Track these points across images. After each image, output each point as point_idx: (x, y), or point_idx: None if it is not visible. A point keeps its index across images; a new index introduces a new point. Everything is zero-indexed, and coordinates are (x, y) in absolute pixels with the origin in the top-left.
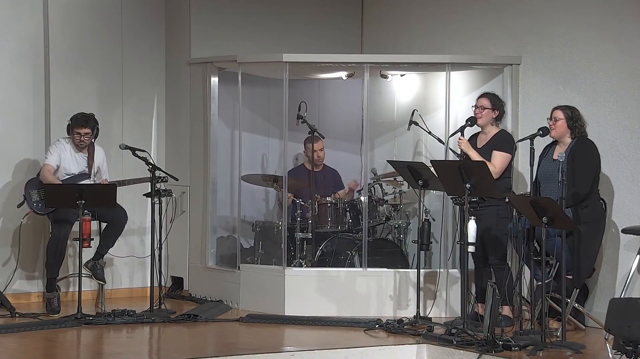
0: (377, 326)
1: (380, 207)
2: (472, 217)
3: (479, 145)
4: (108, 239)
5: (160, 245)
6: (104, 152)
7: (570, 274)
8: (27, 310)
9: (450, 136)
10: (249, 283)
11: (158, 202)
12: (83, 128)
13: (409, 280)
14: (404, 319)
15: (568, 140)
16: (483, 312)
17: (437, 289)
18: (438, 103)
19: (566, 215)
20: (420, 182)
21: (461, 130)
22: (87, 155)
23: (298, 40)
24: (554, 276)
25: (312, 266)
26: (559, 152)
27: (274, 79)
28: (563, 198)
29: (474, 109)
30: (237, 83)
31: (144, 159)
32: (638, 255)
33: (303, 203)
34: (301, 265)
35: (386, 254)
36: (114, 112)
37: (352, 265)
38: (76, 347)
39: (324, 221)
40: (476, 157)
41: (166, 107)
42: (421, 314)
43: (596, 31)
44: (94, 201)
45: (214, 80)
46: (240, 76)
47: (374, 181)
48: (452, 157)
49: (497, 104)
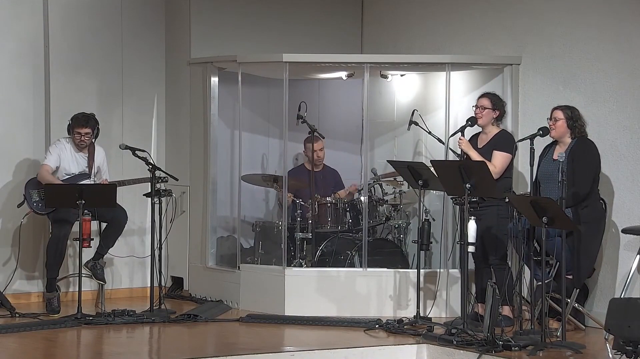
0: (377, 326)
1: (380, 207)
2: (472, 217)
3: (480, 145)
4: (108, 239)
5: (160, 245)
6: (104, 152)
7: (570, 274)
8: (27, 310)
9: (450, 136)
10: (249, 283)
11: (158, 202)
12: (83, 128)
13: (409, 280)
14: (404, 319)
15: (568, 140)
16: (483, 312)
17: (437, 289)
18: (438, 103)
19: (566, 215)
20: (420, 182)
21: (461, 130)
22: (88, 155)
23: (298, 40)
24: (554, 276)
25: (312, 266)
26: (559, 152)
27: (274, 79)
28: (563, 198)
29: (475, 109)
30: (237, 83)
31: (144, 159)
32: (638, 255)
33: (303, 203)
34: (301, 265)
35: (386, 254)
36: (114, 112)
37: (352, 265)
38: (76, 347)
39: (324, 221)
40: (476, 157)
41: (166, 107)
42: (421, 314)
43: (596, 31)
44: (94, 201)
45: (214, 80)
46: (240, 76)
47: (374, 181)
48: (452, 157)
49: (498, 104)
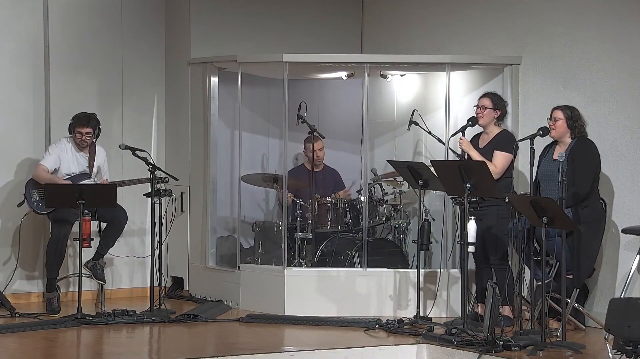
0: (377, 326)
1: (380, 207)
2: (472, 217)
3: (481, 145)
4: (108, 239)
5: (160, 245)
6: (105, 153)
7: (570, 274)
8: (27, 310)
9: (451, 136)
10: (249, 283)
11: (158, 202)
12: (84, 127)
13: (409, 280)
14: (404, 319)
15: (568, 140)
16: (483, 312)
17: (438, 289)
18: (438, 103)
19: (566, 215)
20: (420, 182)
21: (462, 130)
22: (88, 155)
23: (298, 40)
24: (554, 276)
25: (312, 266)
26: (559, 152)
27: (274, 79)
28: (563, 198)
29: (476, 109)
30: (237, 83)
31: (144, 159)
32: (638, 255)
33: (303, 203)
34: (301, 265)
35: (386, 254)
36: (114, 112)
37: (352, 265)
38: (76, 347)
39: (324, 221)
40: (477, 157)
41: (166, 107)
42: (421, 314)
43: (596, 31)
44: (94, 201)
45: (214, 80)
46: (240, 76)
47: (374, 181)
48: (452, 157)
49: (499, 104)
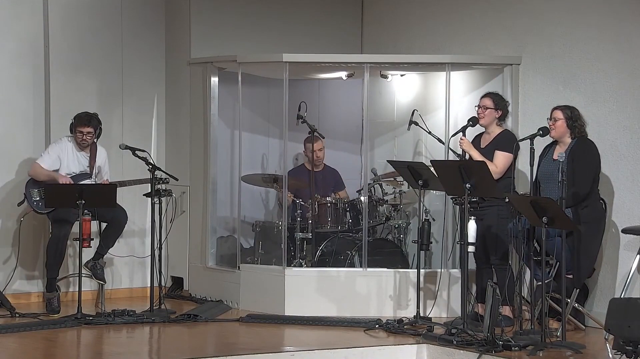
0: (377, 326)
1: (380, 207)
2: (472, 217)
3: (483, 145)
4: (108, 239)
5: (160, 245)
6: (106, 153)
7: (570, 274)
8: (27, 310)
9: (451, 136)
10: (249, 283)
11: (158, 202)
12: (85, 127)
13: (409, 280)
14: (404, 319)
15: (568, 140)
16: (483, 312)
17: (438, 289)
18: (438, 103)
19: (566, 215)
20: (420, 182)
21: (462, 130)
22: (89, 155)
23: (298, 40)
24: (554, 276)
25: (312, 266)
26: (559, 152)
27: (274, 79)
28: (563, 198)
29: (477, 109)
30: (237, 83)
31: (144, 159)
32: (638, 255)
33: (303, 203)
34: (301, 265)
35: (386, 254)
36: (114, 112)
37: (352, 265)
38: (76, 347)
39: (324, 221)
40: (478, 157)
41: (166, 107)
42: (421, 314)
43: (596, 31)
44: (94, 201)
45: (214, 80)
46: (240, 76)
47: (374, 181)
48: (452, 157)
49: (500, 104)
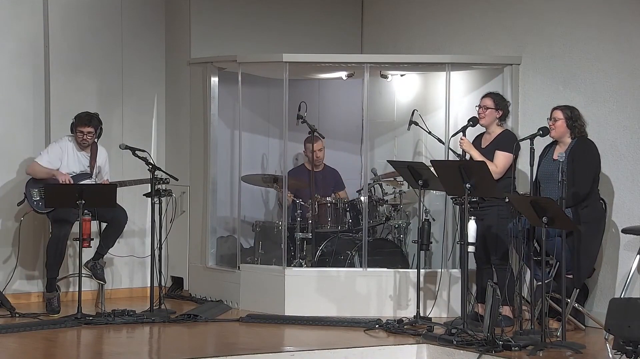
0: (377, 326)
1: (380, 207)
2: (472, 217)
3: (484, 145)
4: (108, 239)
5: (160, 245)
6: (107, 153)
7: (570, 274)
8: (27, 310)
9: (452, 136)
10: (249, 283)
11: (158, 202)
12: (86, 127)
13: (409, 280)
14: (404, 319)
15: (568, 140)
16: (483, 312)
17: (438, 289)
18: (438, 103)
19: (566, 215)
20: (420, 182)
21: (463, 130)
22: (90, 155)
23: (298, 40)
24: (554, 276)
25: (312, 266)
26: (559, 152)
27: (274, 79)
28: (563, 198)
29: (478, 109)
30: (237, 83)
31: (144, 159)
32: (638, 255)
33: (303, 203)
34: (301, 265)
35: (386, 254)
36: (114, 112)
37: (352, 265)
38: (76, 347)
39: (324, 221)
40: (478, 157)
41: (166, 107)
42: (421, 314)
43: (596, 31)
44: (94, 201)
45: (214, 80)
46: (240, 76)
47: (374, 181)
48: (452, 157)
49: (501, 104)
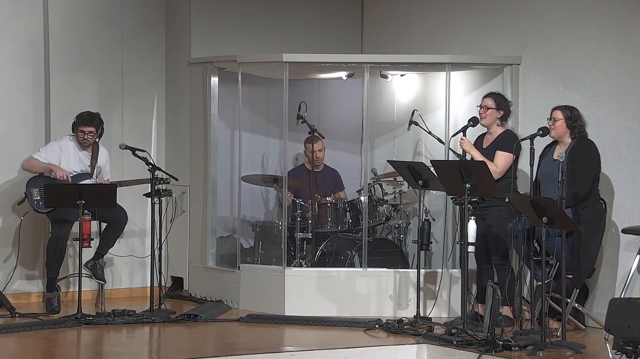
0: (377, 326)
1: (380, 207)
2: (472, 217)
3: (485, 145)
4: (108, 239)
5: (160, 245)
6: (108, 154)
7: (570, 274)
8: (27, 310)
9: (452, 136)
10: (249, 283)
11: (158, 202)
12: (87, 126)
13: (409, 280)
14: (404, 319)
15: (568, 140)
16: (483, 312)
17: (438, 289)
18: (438, 103)
19: (566, 215)
20: (420, 182)
21: (463, 130)
22: (91, 154)
23: (298, 40)
24: (554, 276)
25: (312, 266)
26: (559, 152)
27: (274, 79)
28: (563, 198)
29: (479, 109)
30: (237, 83)
31: (144, 159)
32: (638, 255)
33: (303, 203)
34: (301, 265)
35: (386, 254)
36: (114, 112)
37: (352, 265)
38: (76, 347)
39: (324, 221)
40: (479, 158)
41: (166, 107)
42: (421, 314)
43: (596, 31)
44: (94, 201)
45: (214, 80)
46: (240, 76)
47: (374, 181)
48: (452, 157)
49: (502, 104)
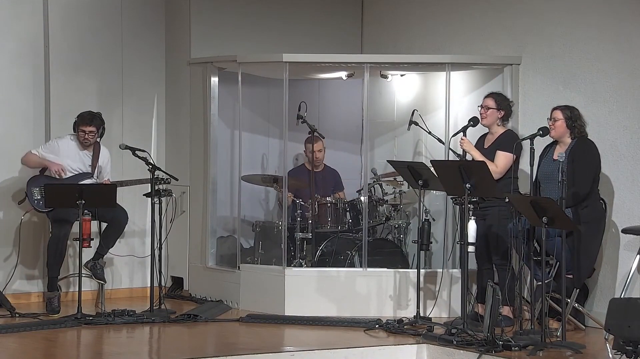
0: (377, 326)
1: (380, 207)
2: (473, 217)
3: (486, 146)
4: (108, 239)
5: (160, 245)
6: (109, 154)
7: (570, 274)
8: (27, 310)
9: (452, 136)
10: (249, 283)
11: (158, 202)
12: (88, 126)
13: (409, 280)
14: (404, 319)
15: (568, 140)
16: (483, 312)
17: (438, 289)
18: (438, 103)
19: (566, 215)
20: (420, 182)
21: (463, 130)
22: (92, 154)
23: (298, 40)
24: (554, 276)
25: (312, 266)
26: (559, 152)
27: (274, 79)
28: (563, 198)
29: (480, 109)
30: (237, 83)
31: (144, 159)
32: (638, 255)
33: (303, 203)
34: (301, 265)
35: (386, 254)
36: (114, 112)
37: (352, 265)
38: (76, 347)
39: (324, 221)
40: (479, 158)
41: (166, 107)
42: (421, 314)
43: (596, 31)
44: (94, 201)
45: (214, 80)
46: (240, 76)
47: (374, 181)
48: (452, 157)
49: (503, 104)
